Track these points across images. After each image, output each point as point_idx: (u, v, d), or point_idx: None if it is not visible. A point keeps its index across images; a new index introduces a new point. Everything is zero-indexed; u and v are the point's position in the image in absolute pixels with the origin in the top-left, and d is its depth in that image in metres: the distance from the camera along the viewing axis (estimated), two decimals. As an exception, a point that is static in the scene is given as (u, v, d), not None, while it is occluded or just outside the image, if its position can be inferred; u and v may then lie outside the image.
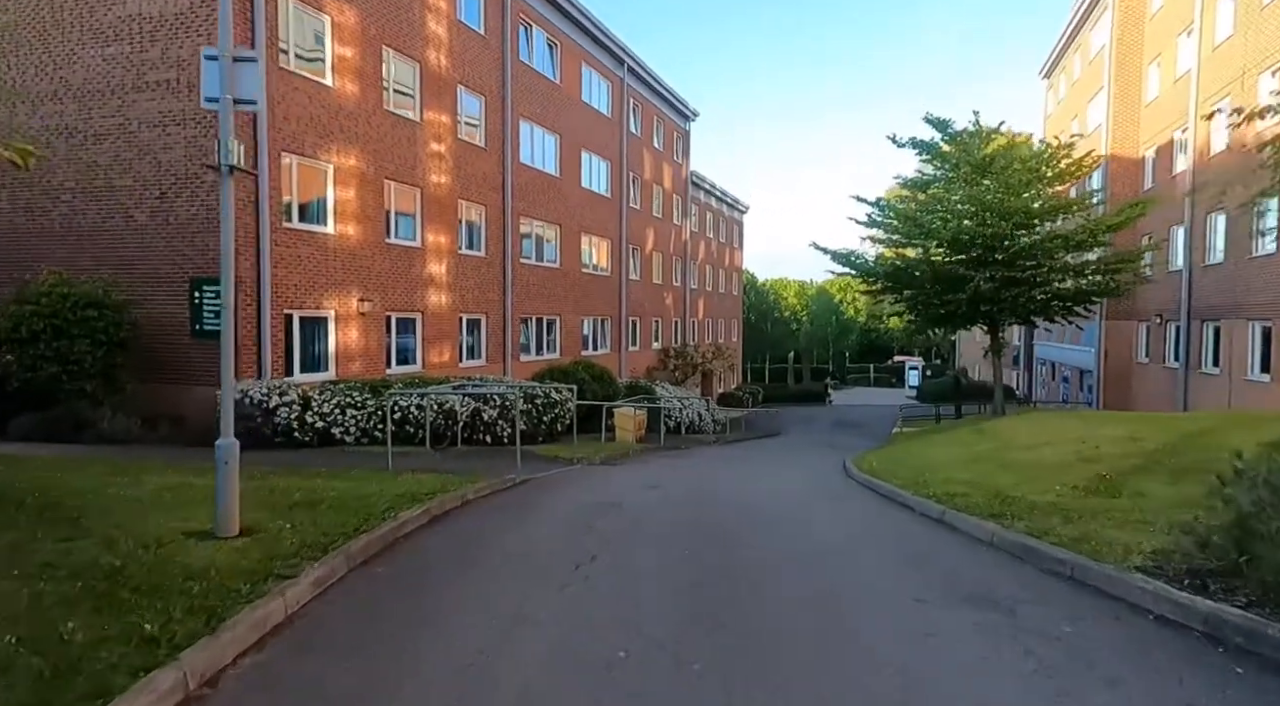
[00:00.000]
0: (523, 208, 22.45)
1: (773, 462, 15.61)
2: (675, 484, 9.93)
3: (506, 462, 10.64)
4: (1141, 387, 25.76)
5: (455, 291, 19.27)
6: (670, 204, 35.82)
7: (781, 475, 12.08)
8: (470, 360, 20.23)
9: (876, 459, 12.46)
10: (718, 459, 16.17)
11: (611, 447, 16.68)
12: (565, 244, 25.20)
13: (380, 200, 16.48)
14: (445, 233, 18.82)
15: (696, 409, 27.22)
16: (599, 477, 10.77)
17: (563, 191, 24.93)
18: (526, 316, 22.97)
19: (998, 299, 17.68)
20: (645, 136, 32.35)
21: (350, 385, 13.90)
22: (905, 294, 19.59)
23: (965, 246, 17.62)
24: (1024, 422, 13.61)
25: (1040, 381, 39.87)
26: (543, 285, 23.73)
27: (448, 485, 8.37)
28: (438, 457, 11.93)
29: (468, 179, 19.69)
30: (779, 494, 9.24)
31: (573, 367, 22.65)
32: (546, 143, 24.04)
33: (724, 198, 45.40)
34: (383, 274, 16.63)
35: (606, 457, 14.48)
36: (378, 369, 16.43)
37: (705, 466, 13.70)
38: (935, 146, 18.89)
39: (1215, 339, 20.03)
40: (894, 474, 9.08)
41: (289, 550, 4.95)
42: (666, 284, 35.39)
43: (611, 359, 28.61)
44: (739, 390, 45.29)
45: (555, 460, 12.92)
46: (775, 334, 67.57)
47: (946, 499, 6.69)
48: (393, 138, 16.84)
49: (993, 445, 10.24)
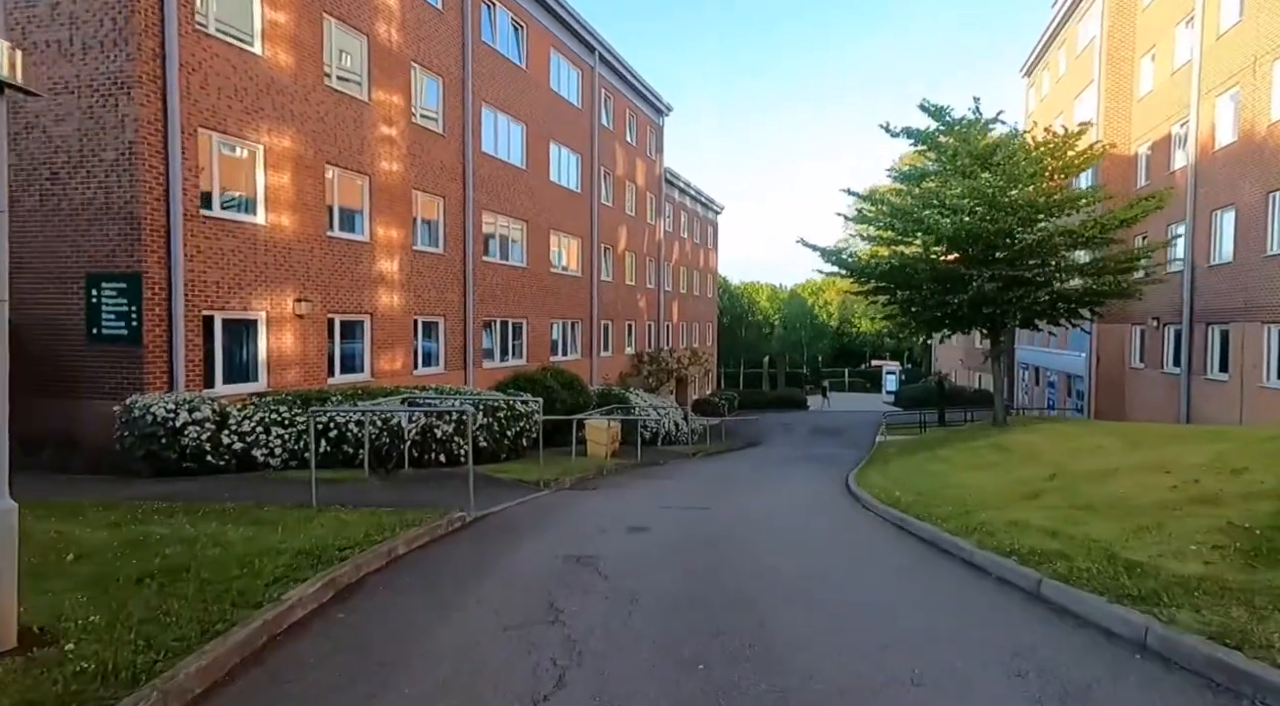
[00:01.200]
0: (485, 201, 20.64)
1: (766, 482, 14.01)
2: (663, 520, 8.25)
3: (460, 490, 8.87)
4: (1136, 394, 24.74)
5: (409, 291, 17.39)
6: (643, 202, 34.21)
7: (783, 503, 10.44)
8: (427, 367, 18.35)
9: (886, 480, 10.95)
10: (703, 478, 14.53)
11: (583, 465, 14.96)
12: (532, 242, 23.42)
13: (321, 188, 14.59)
14: (398, 226, 16.95)
15: (673, 418, 25.61)
16: (569, 511, 9.05)
17: (529, 185, 23.17)
18: (490, 319, 21.15)
19: (1000, 300, 16.33)
20: (617, 130, 30.71)
21: (281, 398, 11.99)
22: (900, 295, 18.16)
23: (967, 243, 16.23)
24: (1049, 438, 12.16)
25: (1022, 387, 38.99)
26: (508, 286, 21.93)
27: (375, 530, 6.60)
28: (377, 485, 10.10)
29: (423, 168, 17.84)
30: (794, 538, 7.46)
31: (540, 375, 20.93)
32: (512, 132, 22.27)
33: (698, 197, 43.95)
34: (324, 271, 14.73)
35: (578, 479, 12.76)
36: (318, 378, 14.51)
37: (691, 489, 12.03)
38: (931, 136, 17.51)
39: (1223, 343, 18.95)
40: (929, 508, 7.52)
41: (65, 692, 3.11)
42: (640, 285, 33.76)
43: (582, 365, 26.88)
44: (714, 396, 43.79)
45: (518, 485, 11.15)
46: (749, 338, 66.33)
47: (1032, 559, 5.01)
48: (336, 118, 14.96)
49: (1040, 470, 8.68)
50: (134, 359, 11.20)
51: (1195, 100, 20.14)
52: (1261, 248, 16.97)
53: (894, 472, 12.25)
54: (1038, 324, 17.98)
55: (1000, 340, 18.18)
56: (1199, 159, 20.07)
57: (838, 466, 18.78)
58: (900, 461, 14.20)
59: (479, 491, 9.93)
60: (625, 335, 32.00)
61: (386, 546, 5.97)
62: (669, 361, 33.76)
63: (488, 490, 10.18)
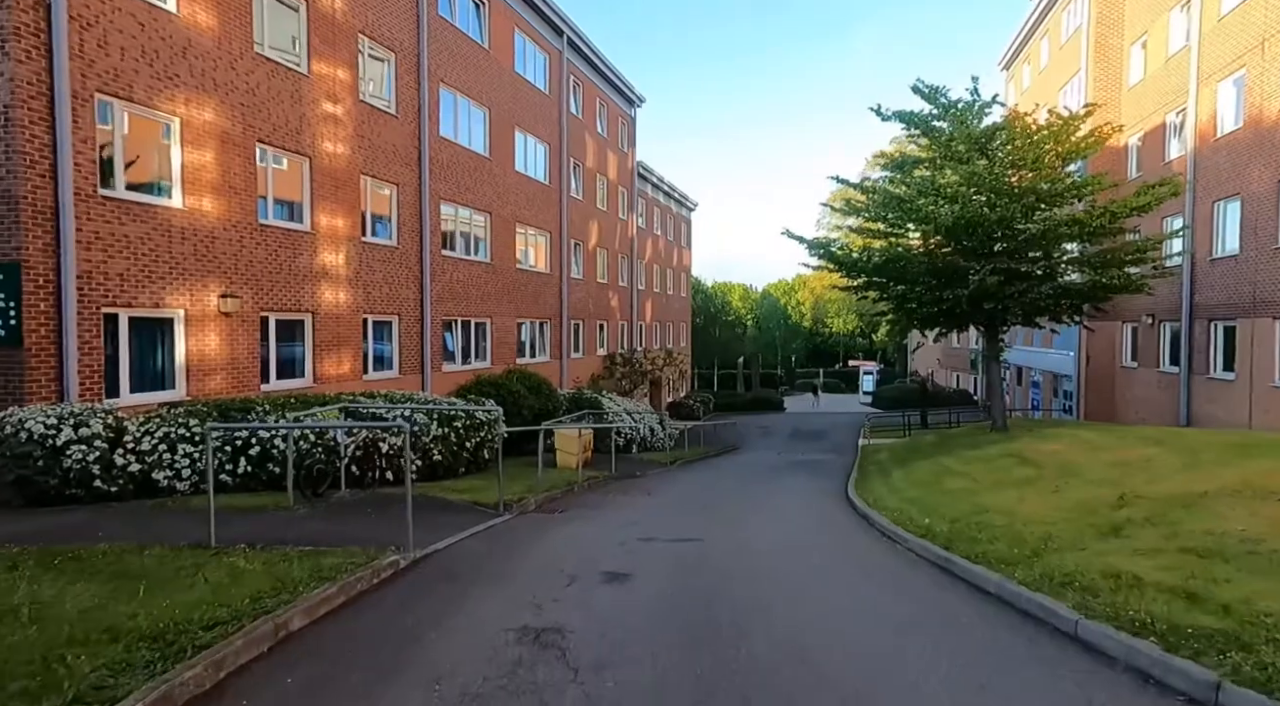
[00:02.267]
0: (444, 191, 18.99)
1: (758, 498, 12.60)
2: (648, 562, 6.74)
3: (402, 518, 7.30)
4: (1128, 394, 23.87)
5: (358, 288, 15.70)
6: (615, 196, 32.72)
7: (787, 531, 8.95)
8: (379, 371, 16.67)
9: (900, 499, 9.61)
10: (687, 493, 13.06)
11: (552, 479, 13.42)
12: (497, 235, 21.81)
13: (252, 169, 12.86)
14: (344, 215, 15.25)
15: (648, 423, 24.17)
16: (531, 547, 7.48)
17: (493, 175, 21.56)
18: (450, 319, 19.50)
19: (1001, 295, 15.15)
20: (588, 120, 29.19)
21: (193, 409, 10.27)
22: (895, 290, 16.91)
23: (966, 233, 15.01)
24: (1076, 447, 10.85)
25: (1002, 386, 38.19)
26: (470, 283, 20.29)
27: (273, 589, 5.03)
28: (304, 513, 8.45)
29: (374, 151, 16.17)
30: (816, 589, 5.79)
31: (506, 378, 19.33)
32: (473, 117, 20.64)
33: (672, 193, 42.58)
34: (256, 263, 13.01)
35: (545, 499, 11.21)
36: (249, 385, 12.78)
37: (676, 510, 10.53)
38: (925, 119, 16.29)
39: (1227, 340, 18.02)
40: (976, 544, 6.09)
41: None
42: (612, 284, 32.26)
43: (552, 367, 25.31)
44: (689, 398, 42.46)
45: (474, 508, 9.57)
46: (723, 338, 65.18)
47: (1183, 642, 3.55)
48: (269, 91, 13.25)
49: (1096, 491, 7.20)
50: (12, 364, 9.42)
51: (1194, 86, 19.23)
52: (1272, 239, 16.02)
53: (902, 486, 10.91)
54: (1038, 321, 16.85)
55: (999, 338, 17.02)
56: (1198, 148, 19.16)
57: (829, 475, 17.49)
58: (904, 472, 12.89)
59: (427, 518, 8.37)
60: (597, 336, 30.48)
61: (274, 620, 4.38)
62: (643, 363, 32.31)
63: (436, 517, 8.60)
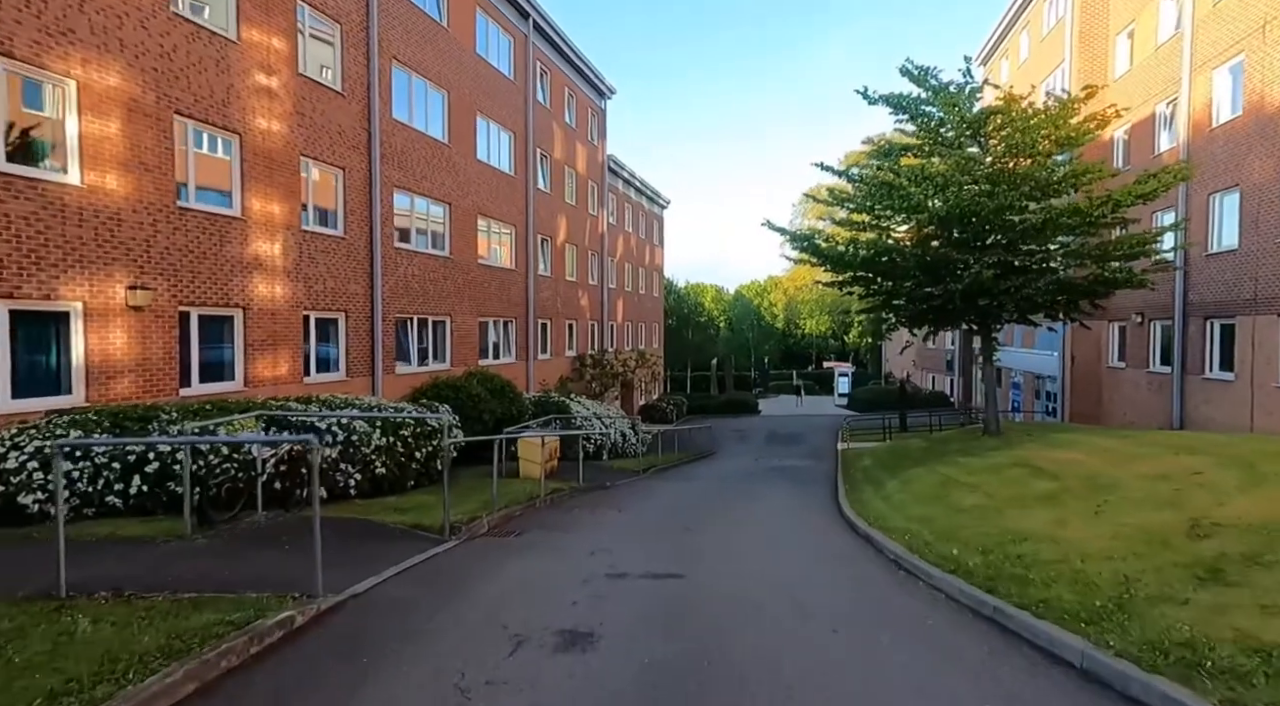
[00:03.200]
0: (399, 178, 17.51)
1: (743, 515, 11.35)
2: (618, 611, 5.40)
3: (328, 546, 5.88)
4: (1115, 396, 23.13)
5: (298, 281, 14.18)
6: (585, 190, 31.37)
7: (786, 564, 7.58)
8: (323, 374, 15.14)
9: (905, 517, 8.42)
10: (662, 508, 11.74)
11: (512, 492, 12.05)
12: (457, 228, 20.34)
13: (168, 144, 11.31)
14: (281, 200, 13.73)
15: (620, 428, 22.86)
16: (472, 592, 6.01)
17: (453, 163, 20.10)
18: (405, 317, 18.00)
19: (997, 290, 14.13)
20: (555, 110, 27.81)
21: (83, 418, 8.73)
22: (882, 286, 15.82)
23: (962, 223, 13.96)
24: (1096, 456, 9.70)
25: (980, 388, 37.56)
26: (427, 278, 18.81)
27: (107, 670, 3.64)
28: (200, 545, 6.99)
29: (316, 131, 14.66)
30: (850, 664, 4.50)
31: (466, 381, 17.92)
32: (431, 100, 19.17)
33: (644, 189, 41.33)
34: (175, 251, 11.46)
35: (502, 518, 9.86)
36: (164, 389, 11.22)
37: (652, 534, 9.15)
38: (914, 103, 15.22)
39: (1226, 339, 17.24)
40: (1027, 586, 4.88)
41: None
42: (581, 282, 30.89)
43: (517, 369, 23.88)
44: (663, 401, 41.22)
45: (414, 533, 8.16)
46: (696, 340, 64.08)
47: None
48: (189, 57, 11.70)
49: (1153, 514, 5.95)
50: None
51: (1187, 75, 18.48)
52: (1275, 232, 15.23)
53: (904, 501, 9.74)
54: (1032, 318, 15.87)
55: (992, 337, 16.01)
56: (1192, 138, 18.40)
57: (812, 483, 16.34)
58: (899, 484, 11.75)
59: (353, 549, 7.00)
60: (566, 336, 29.09)
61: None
62: (614, 364, 30.98)
63: (364, 547, 7.20)
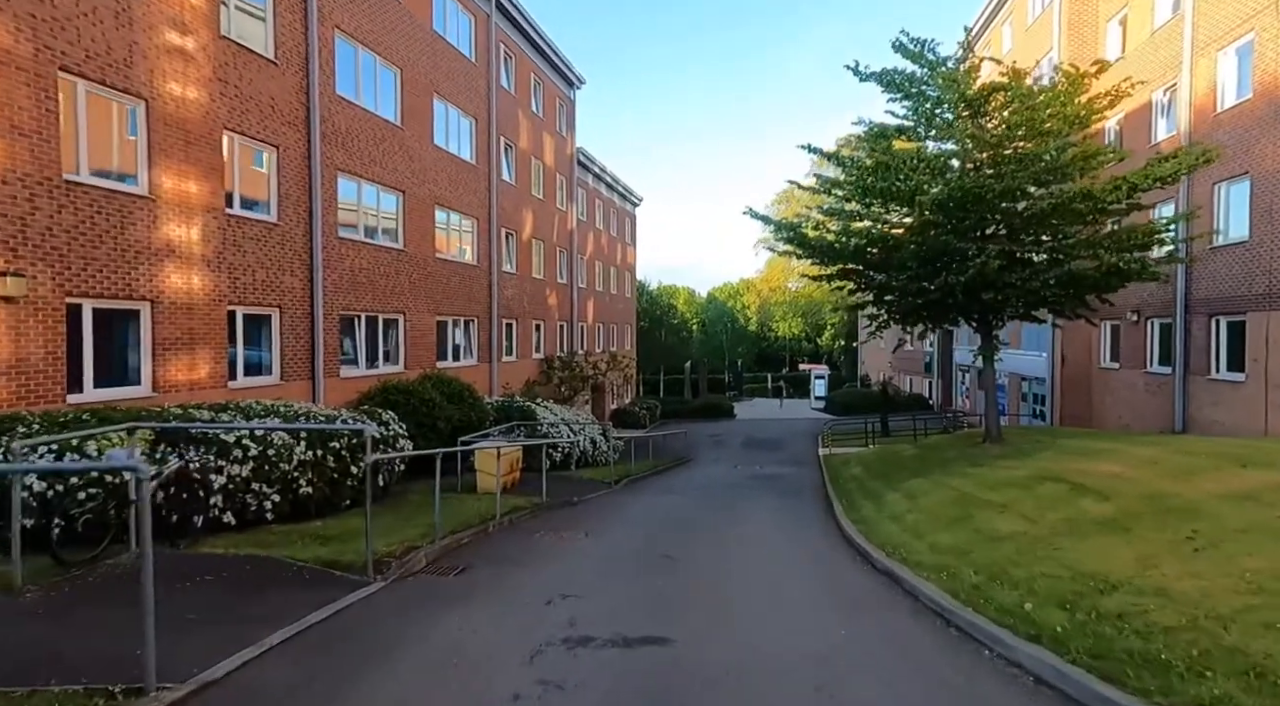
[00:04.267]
0: (344, 161, 15.81)
1: (729, 536, 9.89)
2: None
3: (211, 596, 4.26)
4: (1109, 398, 22.16)
5: (220, 272, 12.44)
6: (552, 183, 29.79)
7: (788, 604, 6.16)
8: (252, 377, 13.38)
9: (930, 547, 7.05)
10: (637, 533, 10.20)
11: (464, 513, 10.45)
12: (412, 218, 18.66)
13: (51, 105, 9.56)
14: (199, 178, 11.99)
15: (590, 435, 21.32)
16: (374, 676, 4.41)
17: (407, 148, 18.43)
18: (351, 314, 16.28)
19: (1001, 283, 12.89)
20: (521, 97, 26.21)
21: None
22: (876, 279, 14.51)
23: (964, 210, 12.68)
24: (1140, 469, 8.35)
25: (960, 391, 36.69)
26: (377, 272, 17.11)
27: None
28: (28, 599, 5.32)
29: (243, 101, 12.94)
30: None
31: (419, 385, 16.29)
32: (381, 77, 17.50)
33: (615, 185, 39.84)
34: (60, 232, 9.70)
35: (445, 549, 8.26)
36: (47, 395, 9.45)
37: (627, 569, 7.62)
38: (909, 80, 13.94)
39: (1234, 337, 16.23)
40: (1154, 667, 3.44)
41: None
42: (549, 280, 29.29)
43: (479, 372, 22.23)
44: (635, 405, 39.75)
45: (324, 577, 6.52)
46: (669, 342, 62.65)
47: None
48: (78, 3, 9.96)
49: (1254, 553, 4.94)
50: None
51: (1188, 58, 17.50)
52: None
53: (919, 523, 8.35)
54: (1035, 315, 14.68)
55: (994, 334, 14.77)
56: (1194, 125, 17.42)
57: (800, 496, 14.95)
58: (903, 498, 10.38)
59: (245, 597, 5.48)
60: (533, 337, 27.46)
61: None
62: (584, 367, 29.41)
63: (258, 596, 5.60)
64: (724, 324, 79.96)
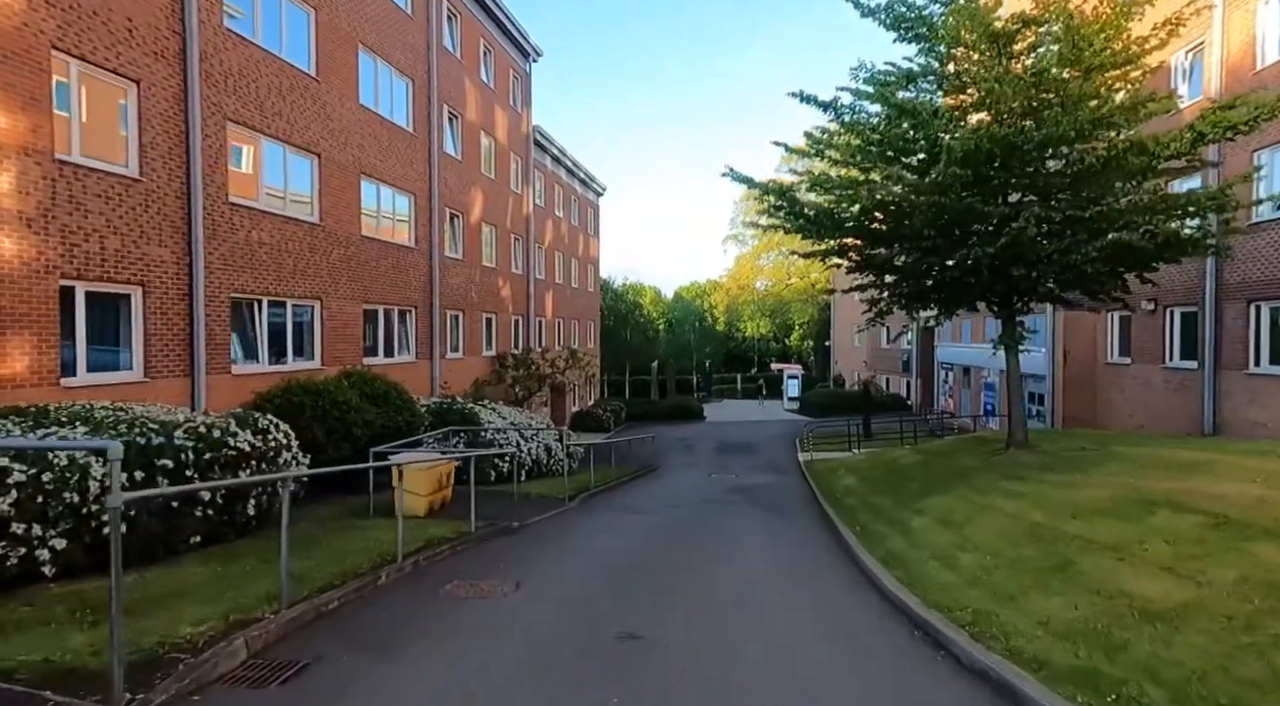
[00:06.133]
0: (236, 109, 12.95)
1: (714, 586, 7.35)
2: None
3: None
4: (1118, 397, 20.15)
5: (48, 234, 9.55)
6: (506, 163, 27.02)
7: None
8: (101, 373, 10.48)
9: (1044, 630, 4.63)
10: (586, 584, 7.57)
11: (349, 555, 7.71)
12: (331, 187, 15.82)
13: None
14: (12, 109, 9.09)
15: (544, 441, 18.65)
16: None
17: (325, 104, 15.59)
18: (248, 297, 13.41)
19: (1035, 256, 10.58)
20: (468, 62, 23.44)
21: None
22: (880, 256, 12.11)
23: (991, 167, 10.35)
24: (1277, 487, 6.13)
25: (944, 390, 34.76)
26: (285, 249, 14.26)
27: None
28: None
29: (83, 17, 10.05)
30: None
31: (332, 384, 13.50)
32: (290, 16, 14.65)
33: (576, 170, 37.15)
34: None
35: (284, 633, 5.49)
36: None
37: (566, 662, 5.01)
38: (921, 16, 11.59)
39: (1276, 325, 14.20)
40: None
41: None
42: (503, 269, 26.52)
43: (418, 370, 19.43)
44: (599, 407, 37.12)
45: (66, 684, 3.82)
46: (635, 341, 60.01)
47: None
48: None
49: None
50: None
51: (1220, 12, 15.48)
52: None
53: (988, 569, 5.91)
54: (1067, 297, 12.44)
55: (1020, 320, 12.48)
56: (1225, 87, 15.42)
57: (794, 514, 12.48)
58: (936, 524, 7.97)
59: None
60: (483, 332, 24.66)
61: None
62: (541, 365, 26.68)
63: None
64: (691, 323, 77.77)
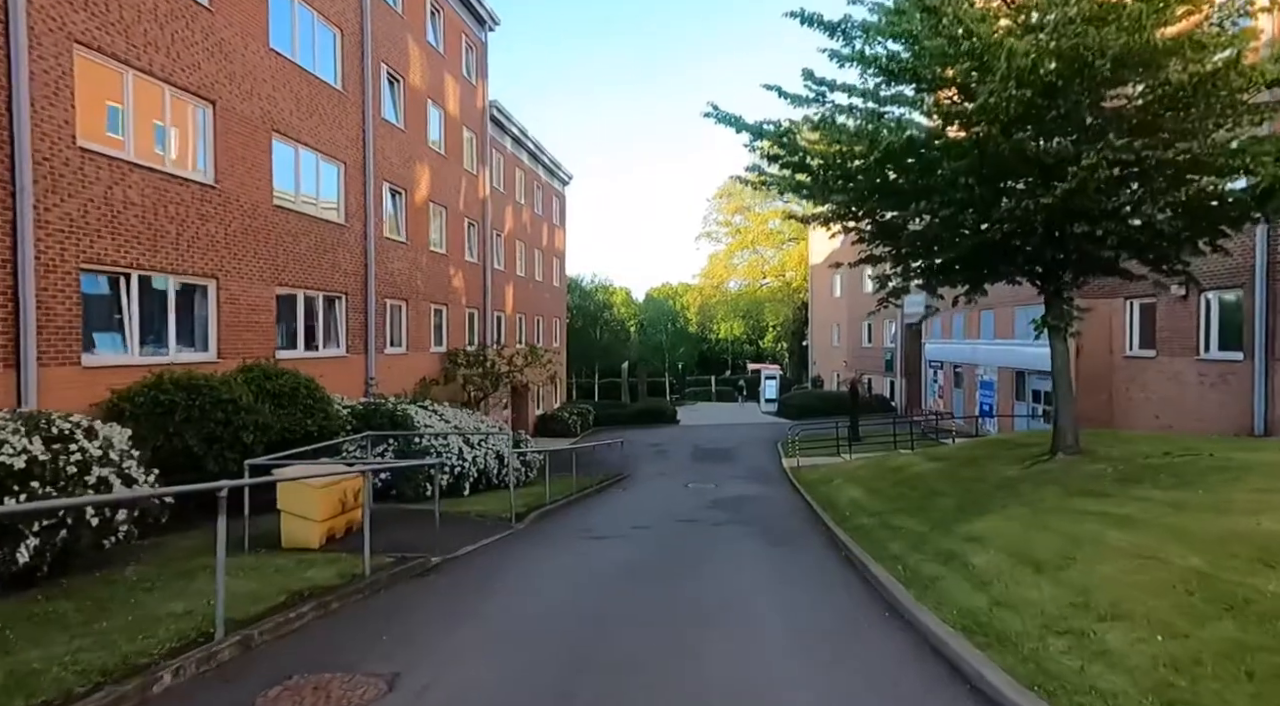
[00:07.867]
0: (84, 28, 10.20)
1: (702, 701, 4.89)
2: None
3: None
4: (1139, 394, 18.14)
5: None
6: (458, 138, 24.34)
7: None
8: None
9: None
10: (517, 674, 5.07)
11: (165, 625, 5.07)
12: (230, 143, 13.09)
13: None
14: None
15: (494, 448, 16.03)
16: None
17: (221, 40, 12.87)
18: (109, 271, 10.65)
19: (1101, 210, 8.33)
20: (412, 20, 20.77)
21: None
22: (899, 219, 9.77)
23: (1050, 88, 8.05)
24: None
25: (932, 390, 32.76)
26: (163, 213, 11.51)
27: None
28: None
29: None
30: None
31: (219, 380, 10.80)
32: (173, -71, 11.91)
33: (540, 155, 34.54)
34: None
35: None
36: None
37: None
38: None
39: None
40: None
41: None
42: (454, 257, 23.83)
43: (350, 366, 16.70)
44: (565, 411, 34.54)
45: None
46: (605, 341, 57.46)
47: None
48: None
49: None
50: None
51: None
52: None
53: (1157, 667, 3.56)
54: (1125, 267, 10.19)
55: (1067, 297, 10.20)
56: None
57: (792, 538, 10.00)
58: (1037, 577, 5.58)
59: None
60: (431, 325, 21.95)
61: None
62: (497, 362, 24.02)
63: None
64: (664, 324, 75.50)
